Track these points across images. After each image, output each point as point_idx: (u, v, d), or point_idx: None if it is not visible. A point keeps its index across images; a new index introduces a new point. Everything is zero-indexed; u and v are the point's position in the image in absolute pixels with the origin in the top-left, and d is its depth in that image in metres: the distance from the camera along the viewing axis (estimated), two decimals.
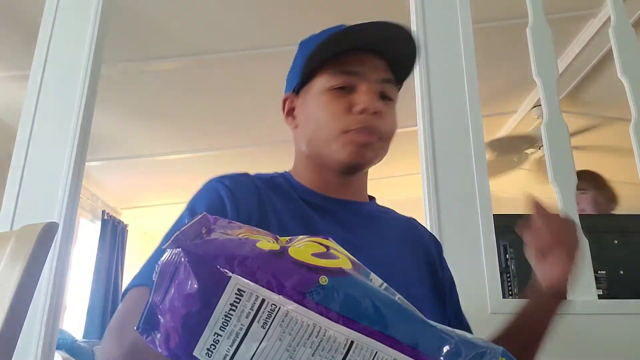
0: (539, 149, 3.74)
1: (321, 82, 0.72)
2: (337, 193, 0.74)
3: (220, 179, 0.70)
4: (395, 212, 0.83)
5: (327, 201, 0.73)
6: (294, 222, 0.67)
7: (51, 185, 1.33)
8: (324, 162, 0.73)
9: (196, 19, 2.36)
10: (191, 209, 0.66)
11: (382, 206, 0.83)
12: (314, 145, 0.73)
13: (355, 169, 0.73)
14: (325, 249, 0.40)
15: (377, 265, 0.50)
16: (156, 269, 0.37)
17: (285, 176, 0.78)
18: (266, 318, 0.34)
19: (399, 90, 0.78)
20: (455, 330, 0.40)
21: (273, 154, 3.80)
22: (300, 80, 0.75)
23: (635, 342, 1.17)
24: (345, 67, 0.70)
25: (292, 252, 0.38)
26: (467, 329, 0.75)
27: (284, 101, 0.79)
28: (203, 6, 2.25)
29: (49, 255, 0.76)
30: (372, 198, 0.82)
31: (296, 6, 2.18)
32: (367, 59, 0.71)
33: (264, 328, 0.34)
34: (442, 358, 0.37)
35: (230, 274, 0.35)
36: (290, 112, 0.79)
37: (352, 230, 0.71)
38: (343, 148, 0.69)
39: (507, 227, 1.24)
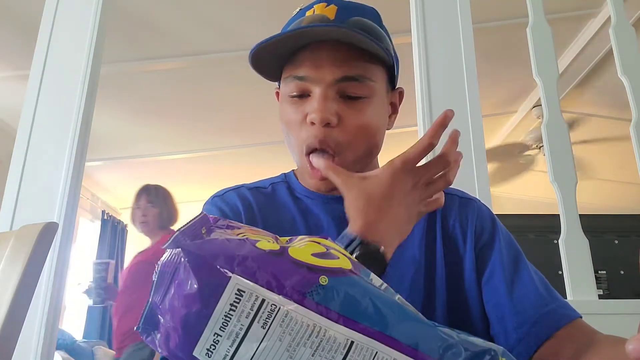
0: (540, 149, 3.74)
1: (283, 87, 0.67)
2: (337, 189, 0.70)
3: (212, 200, 0.71)
4: None
5: (324, 200, 0.69)
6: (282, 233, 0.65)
7: (51, 186, 1.33)
8: None
9: (196, 19, 2.36)
10: None
11: None
12: (291, 153, 0.69)
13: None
14: (325, 249, 0.40)
15: None
16: (156, 268, 0.37)
17: (288, 178, 0.75)
18: (266, 318, 0.34)
19: (393, 73, 0.69)
20: (456, 330, 0.39)
21: (273, 154, 3.80)
22: (273, 81, 0.71)
23: None
24: (296, 70, 0.63)
25: (292, 252, 0.38)
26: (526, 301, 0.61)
27: (277, 95, 0.74)
28: (203, 6, 2.25)
29: (48, 255, 0.76)
30: None
31: (296, 6, 2.17)
32: (324, 52, 0.62)
33: (264, 328, 0.34)
34: (442, 358, 0.36)
35: (230, 274, 0.35)
36: None
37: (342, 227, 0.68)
38: (306, 174, 0.66)
39: (506, 227, 1.24)
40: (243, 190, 0.72)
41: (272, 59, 0.65)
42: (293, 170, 0.76)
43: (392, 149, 0.72)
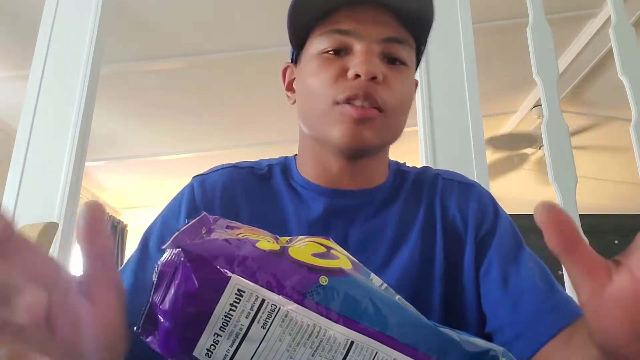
0: (539, 149, 3.74)
1: (313, 46, 0.61)
2: (340, 182, 0.63)
3: (193, 180, 0.67)
4: (412, 175, 0.68)
5: (320, 192, 0.64)
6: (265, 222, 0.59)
7: (51, 185, 1.33)
8: (322, 144, 0.62)
9: (196, 19, 2.36)
10: (157, 217, 0.67)
11: (400, 170, 0.69)
12: (307, 122, 0.63)
13: (357, 153, 0.61)
14: (325, 249, 0.40)
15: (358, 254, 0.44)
16: (156, 268, 0.37)
17: (287, 162, 0.70)
18: (266, 318, 0.34)
19: (421, 51, 0.65)
20: (456, 330, 0.39)
21: (273, 154, 3.80)
22: (295, 47, 0.65)
23: None
24: (337, 25, 0.58)
25: (292, 252, 0.38)
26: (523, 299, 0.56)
27: (283, 72, 0.69)
28: (203, 6, 2.25)
29: (48, 255, 0.76)
30: (393, 164, 0.70)
31: None
32: (365, 14, 0.58)
33: (264, 328, 0.34)
34: (442, 359, 0.36)
35: (230, 274, 0.35)
36: (290, 86, 0.68)
37: (344, 234, 0.62)
38: (335, 125, 0.58)
39: None
40: (231, 170, 0.67)
41: (302, 20, 0.61)
42: (295, 155, 0.71)
43: (392, 149, 0.69)
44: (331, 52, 0.59)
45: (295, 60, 0.67)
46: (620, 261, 0.30)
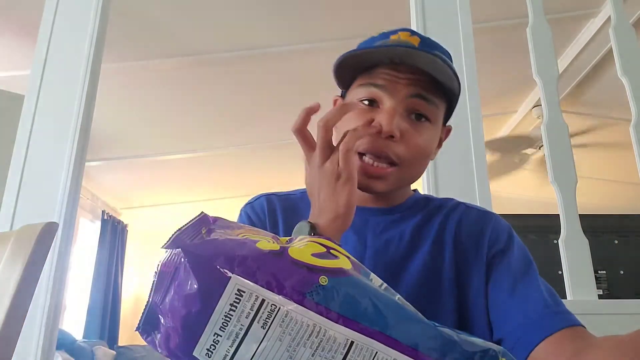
0: (539, 149, 3.74)
1: (353, 93, 0.70)
2: (361, 202, 0.71)
3: (244, 207, 0.77)
4: (436, 201, 0.76)
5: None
6: None
7: (51, 185, 1.33)
8: None
9: (196, 19, 2.36)
10: None
11: (424, 198, 0.77)
12: None
13: (372, 193, 0.70)
14: (325, 249, 0.40)
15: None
16: (156, 269, 0.37)
17: None
18: (266, 318, 0.34)
19: (449, 113, 0.73)
20: (456, 330, 0.39)
21: (273, 154, 3.81)
22: (342, 89, 0.75)
23: None
24: (375, 79, 0.67)
25: (292, 252, 0.38)
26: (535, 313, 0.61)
27: (334, 102, 0.78)
28: (203, 6, 2.25)
29: (48, 255, 0.76)
30: (419, 194, 0.78)
31: (296, 6, 2.18)
32: (400, 73, 0.66)
33: (263, 328, 0.34)
34: (442, 358, 0.36)
35: (230, 274, 0.35)
36: None
37: (363, 242, 0.69)
38: None
39: None
40: (272, 197, 0.77)
41: (348, 69, 0.69)
42: None
43: None
44: (365, 102, 0.67)
45: (343, 95, 0.76)
46: None
